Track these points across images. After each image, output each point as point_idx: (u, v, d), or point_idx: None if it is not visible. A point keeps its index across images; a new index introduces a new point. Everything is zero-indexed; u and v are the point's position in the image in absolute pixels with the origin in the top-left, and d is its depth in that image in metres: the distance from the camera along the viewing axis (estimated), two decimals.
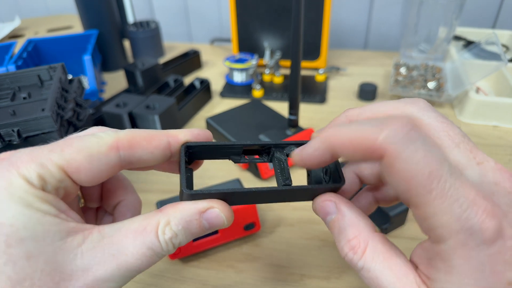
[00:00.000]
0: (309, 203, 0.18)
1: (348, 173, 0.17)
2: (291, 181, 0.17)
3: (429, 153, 0.12)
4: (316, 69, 0.55)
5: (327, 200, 0.16)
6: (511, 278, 0.12)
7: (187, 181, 0.16)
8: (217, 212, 0.15)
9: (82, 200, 0.18)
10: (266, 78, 0.54)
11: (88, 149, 0.14)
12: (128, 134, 0.15)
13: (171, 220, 0.14)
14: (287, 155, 0.18)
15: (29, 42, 0.51)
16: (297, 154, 0.16)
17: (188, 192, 0.15)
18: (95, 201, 0.18)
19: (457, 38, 0.58)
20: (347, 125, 0.14)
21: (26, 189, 0.13)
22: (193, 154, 0.17)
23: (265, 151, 0.18)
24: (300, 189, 0.16)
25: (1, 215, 0.12)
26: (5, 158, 0.14)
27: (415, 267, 0.14)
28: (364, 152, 0.13)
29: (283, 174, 0.17)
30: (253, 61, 0.51)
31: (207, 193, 0.15)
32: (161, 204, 0.29)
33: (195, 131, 0.16)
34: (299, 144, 0.17)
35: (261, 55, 0.56)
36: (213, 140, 0.17)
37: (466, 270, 0.12)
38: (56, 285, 0.12)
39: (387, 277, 0.14)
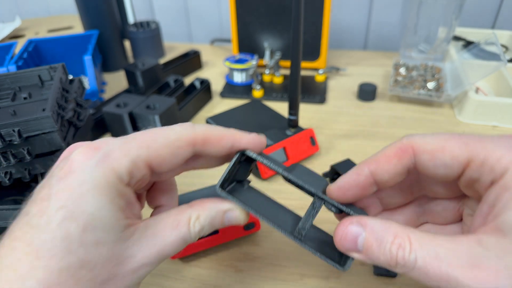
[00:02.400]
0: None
1: (365, 174, 0.17)
2: (303, 235, 0.18)
3: None
4: (316, 69, 0.56)
5: (349, 225, 0.15)
6: None
7: (224, 182, 0.18)
8: (237, 213, 0.18)
9: None
10: (266, 78, 0.54)
11: (171, 146, 0.16)
12: (203, 132, 0.17)
13: (201, 215, 0.17)
14: (318, 208, 0.18)
15: (30, 42, 0.51)
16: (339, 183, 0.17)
17: (220, 192, 0.18)
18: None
19: (457, 38, 0.58)
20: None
21: (115, 185, 0.15)
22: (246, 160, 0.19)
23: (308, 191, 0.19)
24: (306, 247, 0.18)
25: (87, 204, 0.14)
26: (101, 148, 0.15)
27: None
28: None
29: (303, 222, 0.18)
30: (253, 62, 0.52)
31: (232, 199, 0.18)
32: None
33: (255, 138, 0.19)
34: (339, 209, 0.18)
35: (261, 56, 0.56)
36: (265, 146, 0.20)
37: None
38: (111, 268, 0.14)
39: (445, 250, 0.13)
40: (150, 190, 0.20)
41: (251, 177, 0.37)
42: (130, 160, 0.15)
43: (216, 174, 0.37)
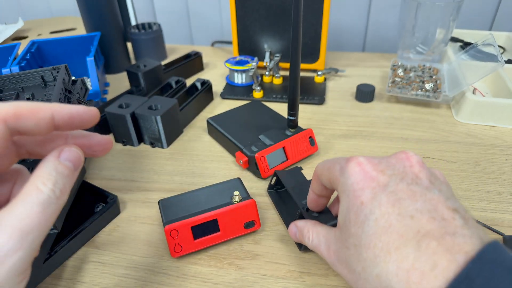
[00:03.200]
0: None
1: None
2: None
3: None
4: (315, 70, 0.56)
5: (292, 226, 0.27)
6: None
7: None
8: (67, 149, 0.17)
9: None
10: (266, 79, 0.55)
11: None
12: (13, 106, 0.15)
13: (43, 173, 0.16)
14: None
15: (33, 43, 0.51)
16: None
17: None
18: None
19: (455, 39, 0.59)
20: None
21: None
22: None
23: None
24: None
25: None
26: None
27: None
28: None
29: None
30: (253, 63, 0.52)
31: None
32: (163, 203, 0.30)
33: (81, 110, 0.17)
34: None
35: (261, 57, 0.56)
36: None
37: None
38: None
39: (321, 240, 0.24)
40: None
41: (250, 176, 0.37)
42: None
43: (217, 174, 0.38)
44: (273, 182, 0.34)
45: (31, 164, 0.26)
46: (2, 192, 0.18)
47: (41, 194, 0.15)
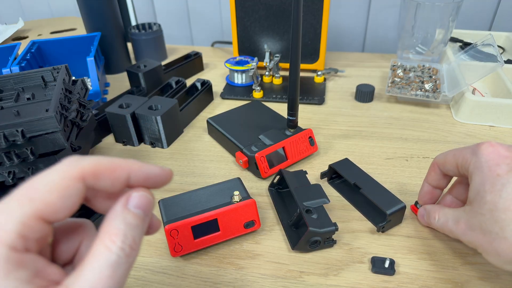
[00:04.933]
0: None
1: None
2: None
3: None
4: (315, 71, 0.56)
5: (421, 209, 0.30)
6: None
7: None
8: (135, 195, 0.16)
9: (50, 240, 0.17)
10: (266, 79, 0.55)
11: (57, 189, 0.14)
12: (92, 164, 0.15)
13: (110, 229, 0.14)
14: None
15: (33, 43, 0.51)
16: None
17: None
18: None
19: (454, 39, 0.59)
20: None
21: (7, 257, 0.13)
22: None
23: None
24: None
25: None
26: None
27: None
28: None
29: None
30: (253, 63, 0.52)
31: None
32: (163, 203, 0.30)
33: (157, 170, 0.16)
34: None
35: (261, 58, 0.57)
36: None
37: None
38: None
39: (448, 218, 0.26)
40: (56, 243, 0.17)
41: (250, 176, 0.37)
42: (16, 222, 0.13)
43: (217, 173, 0.38)
44: (276, 180, 0.34)
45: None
46: (68, 248, 0.17)
47: (110, 255, 0.14)
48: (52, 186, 0.14)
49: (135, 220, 0.15)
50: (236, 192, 0.29)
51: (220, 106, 0.50)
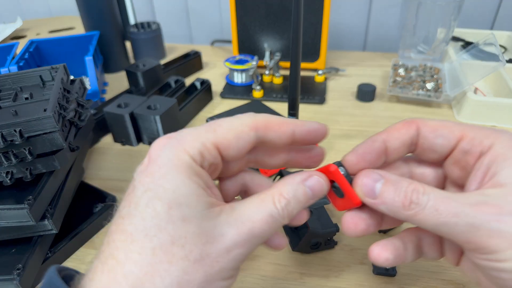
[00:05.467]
0: None
1: (379, 141, 0.19)
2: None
3: None
4: (316, 70, 0.56)
5: (371, 173, 0.17)
6: None
7: None
8: (316, 178, 0.17)
9: (217, 182, 0.20)
10: (266, 79, 0.54)
11: (235, 129, 0.17)
12: (264, 118, 0.17)
13: (283, 191, 0.17)
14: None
15: (31, 43, 0.51)
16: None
17: None
18: (229, 200, 0.20)
19: (456, 39, 0.58)
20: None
21: (189, 163, 0.15)
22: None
23: None
24: None
25: (168, 182, 0.15)
26: (173, 136, 0.16)
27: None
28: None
29: None
30: (253, 62, 0.52)
31: None
32: None
33: (316, 126, 0.19)
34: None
35: (261, 57, 0.56)
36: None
37: None
38: (202, 246, 0.14)
39: (453, 195, 0.16)
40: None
41: None
42: (200, 142, 0.16)
43: None
44: (276, 181, 0.34)
45: None
46: (228, 187, 0.20)
47: (274, 209, 0.16)
48: (232, 127, 0.17)
49: (303, 197, 0.17)
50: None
51: (219, 106, 0.50)
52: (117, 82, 0.57)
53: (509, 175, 0.16)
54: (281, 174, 0.33)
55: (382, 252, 0.18)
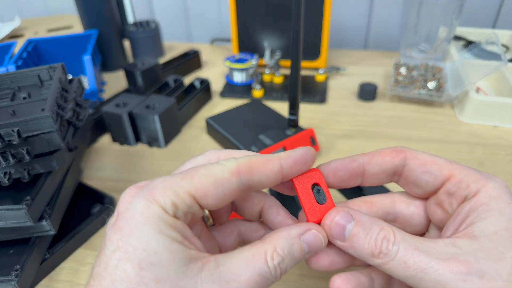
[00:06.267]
0: None
1: (358, 162, 0.18)
2: None
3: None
4: (316, 69, 0.55)
5: (340, 212, 0.16)
6: None
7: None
8: (314, 233, 0.16)
9: (211, 220, 0.19)
10: (266, 78, 0.54)
11: (213, 176, 0.15)
12: (247, 160, 0.16)
13: (277, 246, 0.15)
14: None
15: (29, 42, 0.51)
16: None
17: None
18: (224, 220, 0.19)
19: (457, 38, 0.58)
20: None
21: (160, 215, 0.14)
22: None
23: None
24: None
25: (137, 239, 0.14)
26: (144, 185, 0.15)
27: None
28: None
29: None
30: (253, 61, 0.51)
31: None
32: None
33: (302, 153, 0.17)
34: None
35: (261, 55, 0.56)
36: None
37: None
38: None
39: (424, 246, 0.15)
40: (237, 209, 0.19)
41: None
42: (172, 191, 0.14)
43: None
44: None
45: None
46: (222, 236, 0.18)
47: (266, 267, 0.15)
48: (211, 174, 0.15)
49: (298, 253, 0.16)
50: None
51: (219, 105, 0.49)
52: (116, 81, 0.56)
53: (485, 228, 0.15)
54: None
55: (342, 286, 0.17)
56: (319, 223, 0.17)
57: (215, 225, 0.19)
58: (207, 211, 0.18)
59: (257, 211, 0.19)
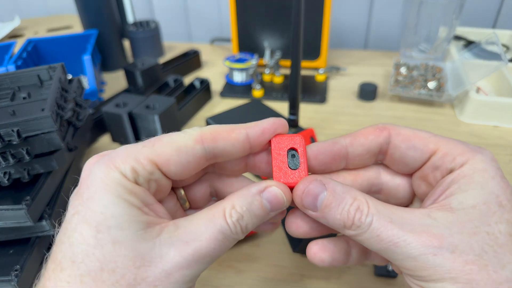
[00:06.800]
0: None
1: (340, 144, 0.17)
2: None
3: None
4: (316, 69, 0.55)
5: (313, 181, 0.16)
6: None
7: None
8: (275, 190, 0.15)
9: (187, 204, 0.18)
10: (266, 78, 0.54)
11: (176, 143, 0.15)
12: (211, 129, 0.16)
13: (235, 203, 0.15)
14: None
15: (29, 42, 0.51)
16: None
17: None
18: (201, 204, 0.19)
19: (458, 38, 0.58)
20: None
21: (120, 181, 0.14)
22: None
23: None
24: None
25: (95, 203, 0.14)
26: (106, 154, 0.15)
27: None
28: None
29: None
30: (253, 61, 0.51)
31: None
32: None
33: (274, 122, 0.16)
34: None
35: (261, 55, 0.56)
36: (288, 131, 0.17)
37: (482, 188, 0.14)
38: (137, 270, 0.13)
39: (398, 217, 0.14)
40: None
41: (250, 176, 0.36)
42: (133, 158, 0.15)
43: None
44: None
45: None
46: (195, 193, 0.18)
47: (225, 225, 0.14)
48: (172, 141, 0.15)
49: (259, 210, 0.15)
50: None
51: (219, 105, 0.49)
52: (115, 81, 0.56)
53: (464, 200, 0.14)
54: None
55: (319, 253, 0.17)
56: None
57: (191, 208, 0.19)
58: (182, 191, 0.18)
59: None
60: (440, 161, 0.16)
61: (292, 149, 0.16)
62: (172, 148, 0.15)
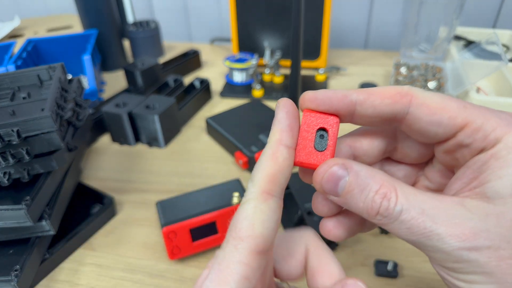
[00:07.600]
0: None
1: (350, 98, 0.15)
2: None
3: None
4: (316, 68, 0.55)
5: (334, 165, 0.14)
6: None
7: None
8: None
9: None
10: (266, 78, 0.54)
11: (267, 220, 0.14)
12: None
13: None
14: None
15: (29, 42, 0.51)
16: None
17: None
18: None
19: (458, 38, 0.58)
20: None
21: None
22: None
23: None
24: None
25: None
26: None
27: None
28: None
29: None
30: (253, 61, 0.51)
31: None
32: (161, 204, 0.29)
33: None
34: None
35: (261, 55, 0.56)
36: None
37: None
38: None
39: (430, 207, 0.13)
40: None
41: (249, 177, 0.36)
42: (241, 277, 0.13)
43: (216, 174, 0.37)
44: None
45: None
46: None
47: None
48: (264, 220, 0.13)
49: None
50: (236, 194, 0.28)
51: (218, 105, 0.49)
52: (115, 81, 0.56)
53: (500, 189, 0.13)
54: None
55: (334, 230, 0.16)
56: (306, 166, 0.15)
57: None
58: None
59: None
60: (470, 139, 0.14)
61: (323, 129, 0.15)
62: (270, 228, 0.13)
